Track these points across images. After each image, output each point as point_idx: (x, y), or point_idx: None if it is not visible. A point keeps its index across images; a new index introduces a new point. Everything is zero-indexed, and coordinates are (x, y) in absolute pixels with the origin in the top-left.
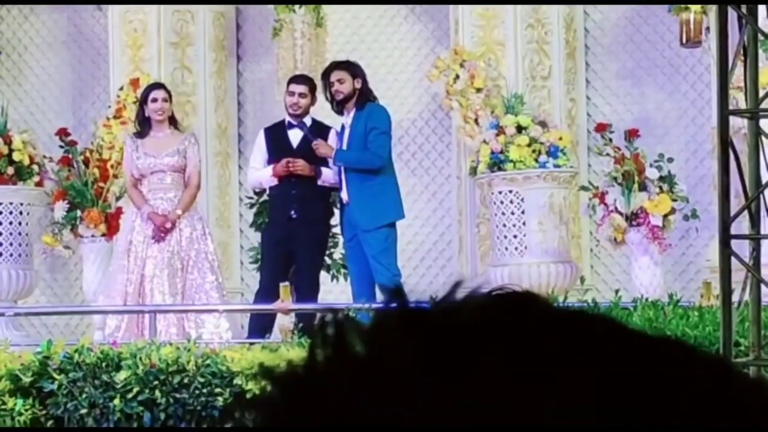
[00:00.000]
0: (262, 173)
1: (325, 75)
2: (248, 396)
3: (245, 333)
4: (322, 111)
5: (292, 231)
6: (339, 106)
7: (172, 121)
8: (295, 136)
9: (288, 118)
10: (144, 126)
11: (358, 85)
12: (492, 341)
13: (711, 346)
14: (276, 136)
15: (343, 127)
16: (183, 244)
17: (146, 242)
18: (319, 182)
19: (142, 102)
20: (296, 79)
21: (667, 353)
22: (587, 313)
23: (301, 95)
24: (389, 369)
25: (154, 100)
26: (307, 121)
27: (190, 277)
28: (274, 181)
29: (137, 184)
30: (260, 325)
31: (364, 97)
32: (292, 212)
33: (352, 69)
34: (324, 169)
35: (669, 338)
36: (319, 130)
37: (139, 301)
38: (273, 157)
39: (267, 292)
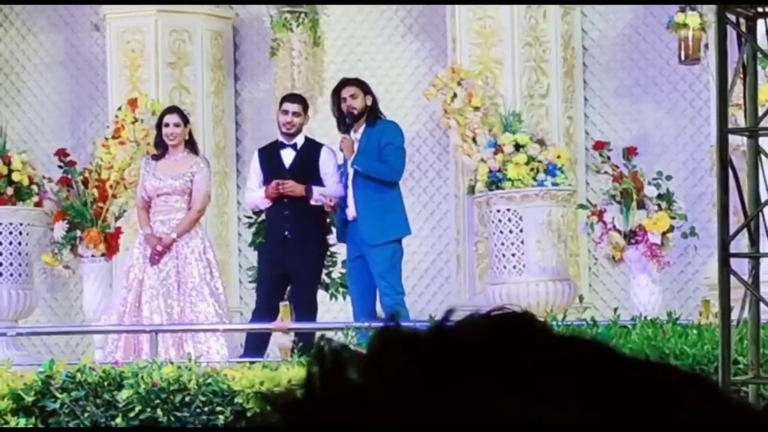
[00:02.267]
0: (257, 195)
1: (336, 91)
2: (248, 415)
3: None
4: (320, 130)
5: (287, 251)
6: (351, 122)
7: (189, 144)
8: (287, 155)
9: (280, 138)
10: (160, 149)
11: (369, 102)
12: (488, 365)
13: (710, 364)
14: (269, 156)
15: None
16: (179, 267)
17: (144, 263)
18: (312, 202)
19: (157, 126)
20: (290, 98)
21: (657, 377)
22: (581, 338)
23: (294, 114)
24: (387, 395)
25: (167, 125)
26: (300, 139)
27: (188, 300)
28: (269, 203)
29: (147, 207)
30: (256, 344)
31: (374, 113)
32: (286, 232)
33: (364, 86)
34: (315, 188)
35: (660, 363)
36: (312, 148)
37: (136, 321)
38: (267, 177)
39: (263, 311)
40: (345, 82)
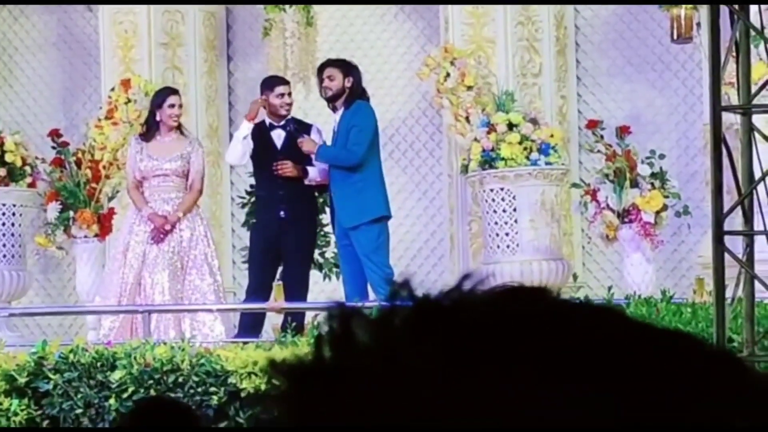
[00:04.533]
0: (237, 132)
1: (320, 71)
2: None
3: (236, 333)
4: (312, 110)
5: (281, 231)
6: (329, 103)
7: (179, 126)
8: (278, 136)
9: (269, 120)
10: (152, 129)
11: (348, 84)
12: (510, 337)
13: None
14: (259, 136)
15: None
16: (183, 245)
17: (146, 243)
18: (306, 181)
19: (157, 106)
20: (280, 81)
21: (682, 348)
22: (599, 306)
23: (290, 95)
24: (406, 364)
25: (172, 105)
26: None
27: (188, 278)
28: (250, 126)
29: (139, 186)
30: (251, 324)
31: (353, 96)
32: (281, 212)
33: (345, 67)
34: (310, 168)
35: (681, 333)
36: (301, 127)
37: (136, 302)
38: (258, 157)
39: (257, 291)
40: (327, 63)
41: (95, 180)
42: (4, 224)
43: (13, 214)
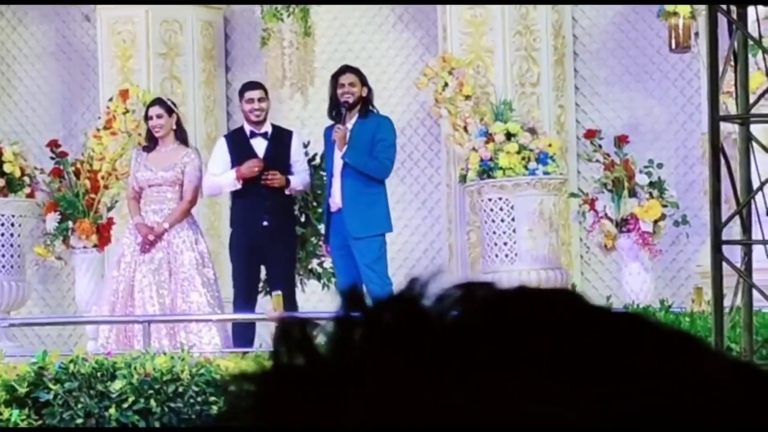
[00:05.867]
0: (223, 178)
1: (335, 77)
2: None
3: (232, 344)
4: (311, 119)
5: (265, 240)
6: (345, 110)
7: (179, 134)
8: (259, 145)
9: (249, 127)
10: (152, 140)
11: (364, 93)
12: (507, 341)
13: None
14: (238, 145)
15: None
16: (170, 254)
17: (136, 253)
18: (287, 191)
19: (144, 119)
20: (249, 86)
21: (689, 351)
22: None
23: (260, 100)
24: (382, 368)
25: (150, 117)
26: (268, 127)
27: (180, 290)
28: (238, 185)
29: (137, 197)
30: (244, 336)
31: (367, 106)
32: (265, 222)
33: (362, 76)
34: (291, 178)
35: (688, 336)
36: (282, 135)
37: (128, 312)
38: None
39: (245, 302)
40: (345, 69)
41: (94, 190)
42: (3, 234)
43: (12, 224)
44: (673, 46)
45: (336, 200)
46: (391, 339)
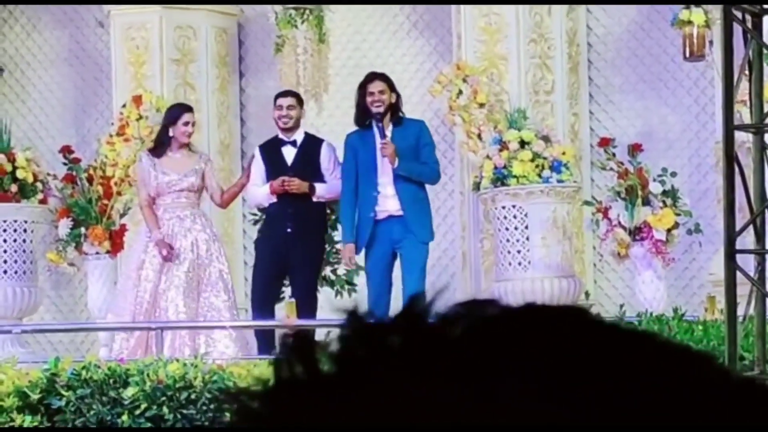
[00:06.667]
0: (260, 191)
1: (363, 86)
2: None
3: (251, 349)
4: (324, 127)
5: (288, 246)
6: (379, 120)
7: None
8: (288, 153)
9: (281, 135)
10: (164, 145)
11: (393, 100)
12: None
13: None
14: (271, 153)
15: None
16: (199, 262)
17: (160, 261)
18: (314, 198)
19: (171, 122)
20: (282, 94)
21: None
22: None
23: (289, 107)
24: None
25: (187, 123)
26: (300, 135)
27: (203, 296)
28: (273, 199)
29: (152, 203)
30: (265, 342)
31: (397, 112)
32: (288, 229)
33: (390, 82)
34: (318, 185)
35: (697, 353)
36: (312, 143)
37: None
38: (270, 174)
39: (262, 307)
40: (373, 77)
41: (107, 196)
42: (15, 240)
43: (25, 230)
44: (688, 54)
45: (387, 207)
46: (394, 355)
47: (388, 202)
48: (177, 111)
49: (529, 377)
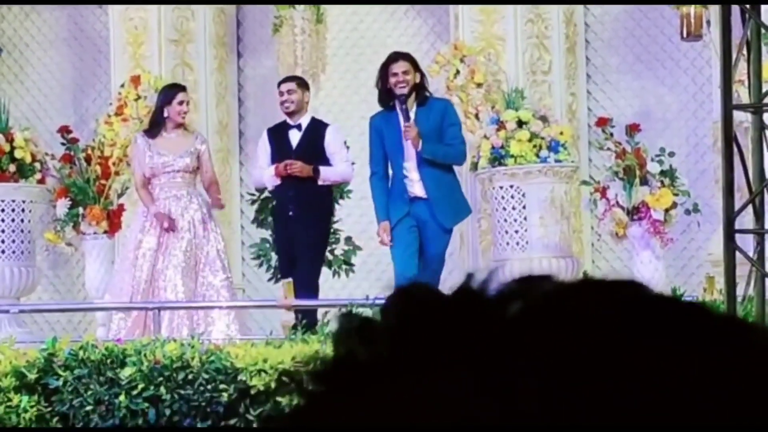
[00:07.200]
0: (265, 173)
1: (385, 66)
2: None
3: (250, 331)
4: (322, 107)
5: (291, 230)
6: (401, 99)
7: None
8: (294, 136)
9: (287, 119)
10: (159, 125)
11: (417, 79)
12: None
13: None
14: (277, 137)
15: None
16: (197, 242)
17: (161, 241)
18: (320, 182)
19: (166, 102)
20: (284, 79)
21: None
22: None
23: (289, 92)
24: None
25: (181, 102)
26: (306, 119)
27: (201, 275)
28: (277, 181)
29: (147, 184)
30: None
31: (423, 92)
32: (290, 212)
33: (415, 62)
34: (322, 168)
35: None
36: (317, 128)
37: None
38: (275, 157)
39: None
40: (397, 56)
41: (105, 176)
42: (13, 220)
43: (23, 210)
44: (685, 34)
45: (414, 190)
46: (455, 336)
47: (415, 186)
48: (171, 91)
49: (597, 363)
